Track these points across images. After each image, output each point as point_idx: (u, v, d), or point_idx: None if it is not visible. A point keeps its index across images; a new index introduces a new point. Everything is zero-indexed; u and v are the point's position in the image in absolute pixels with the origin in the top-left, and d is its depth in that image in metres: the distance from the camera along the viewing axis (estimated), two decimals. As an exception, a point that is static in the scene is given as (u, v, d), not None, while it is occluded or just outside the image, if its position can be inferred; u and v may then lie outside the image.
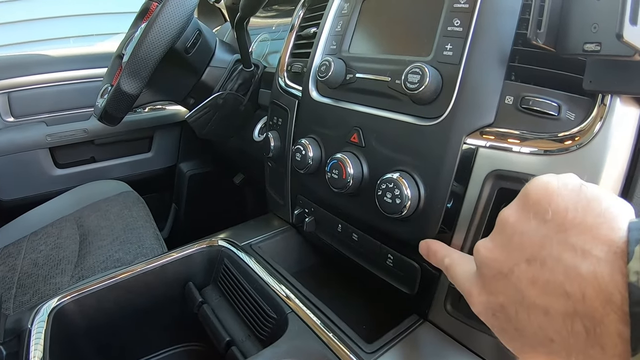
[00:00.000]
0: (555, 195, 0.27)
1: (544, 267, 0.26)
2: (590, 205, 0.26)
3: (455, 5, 0.49)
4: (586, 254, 0.24)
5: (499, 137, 0.44)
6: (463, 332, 0.50)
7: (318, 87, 0.66)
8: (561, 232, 0.26)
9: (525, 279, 0.27)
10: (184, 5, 0.78)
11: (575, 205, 0.26)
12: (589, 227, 0.25)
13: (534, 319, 0.26)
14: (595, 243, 0.24)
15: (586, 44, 0.36)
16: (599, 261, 0.23)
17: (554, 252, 0.25)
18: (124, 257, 0.94)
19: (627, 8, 0.31)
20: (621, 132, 0.38)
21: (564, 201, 0.27)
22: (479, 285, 0.32)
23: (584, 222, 0.25)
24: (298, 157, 0.62)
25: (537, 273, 0.26)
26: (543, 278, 0.26)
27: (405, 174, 0.49)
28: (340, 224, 0.63)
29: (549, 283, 0.25)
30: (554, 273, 0.25)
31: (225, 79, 0.98)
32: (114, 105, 0.84)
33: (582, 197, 0.26)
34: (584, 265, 0.24)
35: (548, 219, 0.27)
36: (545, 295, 0.25)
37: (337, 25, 0.65)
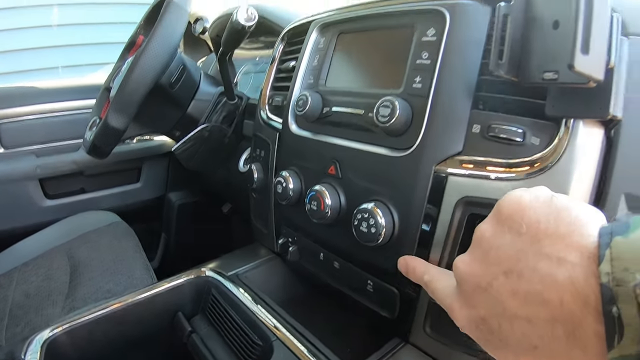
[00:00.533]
0: (527, 209, 0.29)
1: (521, 279, 0.27)
2: (561, 215, 0.27)
3: (423, 39, 0.52)
4: (561, 262, 0.25)
5: (467, 165, 0.46)
6: (443, 353, 0.51)
7: (297, 121, 0.68)
8: (535, 243, 0.27)
9: (504, 291, 0.28)
10: (168, 42, 0.81)
11: (547, 217, 0.28)
12: (561, 235, 0.26)
13: (517, 329, 0.27)
14: (569, 250, 0.25)
15: (545, 72, 0.39)
16: (574, 267, 0.25)
17: (530, 263, 0.27)
18: (115, 288, 0.95)
19: (578, 38, 0.34)
20: (586, 153, 0.40)
21: (535, 213, 0.28)
22: (460, 300, 0.33)
23: (556, 231, 0.27)
24: (279, 189, 0.64)
25: (516, 285, 0.27)
26: (522, 289, 0.27)
27: (380, 203, 0.52)
28: (322, 252, 0.65)
29: (529, 293, 0.26)
30: (531, 283, 0.26)
31: (210, 111, 1.00)
32: (102, 139, 0.86)
33: (553, 208, 0.28)
34: (560, 273, 0.25)
35: (522, 232, 0.28)
36: (525, 305, 0.26)
37: (314, 59, 0.68)
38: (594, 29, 0.34)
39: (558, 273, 0.25)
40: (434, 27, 0.52)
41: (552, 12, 0.38)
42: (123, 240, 1.16)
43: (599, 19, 0.35)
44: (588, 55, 0.34)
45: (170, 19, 0.81)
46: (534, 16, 0.41)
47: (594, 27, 0.34)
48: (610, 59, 0.37)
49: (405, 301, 0.54)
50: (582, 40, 0.34)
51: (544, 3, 0.40)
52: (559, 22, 0.37)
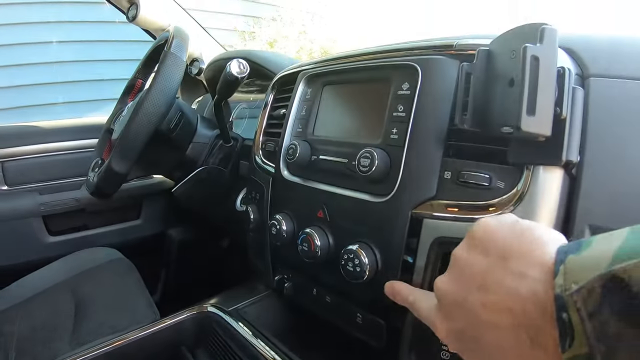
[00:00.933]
0: (494, 232, 0.33)
1: (489, 292, 0.30)
2: (524, 234, 0.31)
3: (399, 93, 0.58)
4: (523, 276, 0.29)
5: (440, 208, 0.51)
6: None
7: (288, 167, 0.73)
8: (502, 261, 0.31)
9: (477, 304, 0.31)
10: (167, 91, 0.86)
11: (512, 238, 0.32)
12: (524, 253, 0.30)
13: (489, 336, 0.30)
14: (531, 266, 0.29)
15: (503, 127, 0.42)
16: (535, 281, 0.28)
17: (498, 278, 0.30)
18: (119, 324, 0.98)
19: (524, 102, 0.38)
20: (547, 192, 0.44)
21: (502, 235, 0.32)
22: (440, 316, 0.36)
23: (519, 250, 0.30)
24: (274, 231, 0.69)
25: (486, 297, 0.30)
26: (491, 300, 0.30)
27: (364, 244, 0.57)
28: (315, 288, 0.69)
29: (496, 303, 0.30)
30: (499, 295, 0.30)
31: (207, 154, 1.05)
32: (106, 182, 0.91)
33: (517, 229, 0.32)
34: (523, 286, 0.28)
35: (491, 252, 0.32)
36: (494, 314, 0.30)
37: (302, 109, 0.74)
38: (540, 91, 0.38)
39: (521, 286, 0.28)
40: (407, 82, 0.57)
41: (508, 71, 0.42)
42: (125, 276, 1.19)
43: (545, 82, 0.39)
44: (534, 116, 0.38)
45: (168, 69, 0.87)
46: (494, 74, 0.45)
47: (540, 89, 0.38)
48: (562, 112, 0.41)
49: (391, 332, 0.58)
50: (528, 103, 0.38)
51: (502, 63, 0.44)
52: (514, 81, 0.41)
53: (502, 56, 0.45)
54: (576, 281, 0.25)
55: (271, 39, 4.40)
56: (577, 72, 0.46)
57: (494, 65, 0.46)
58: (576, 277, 0.25)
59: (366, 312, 0.61)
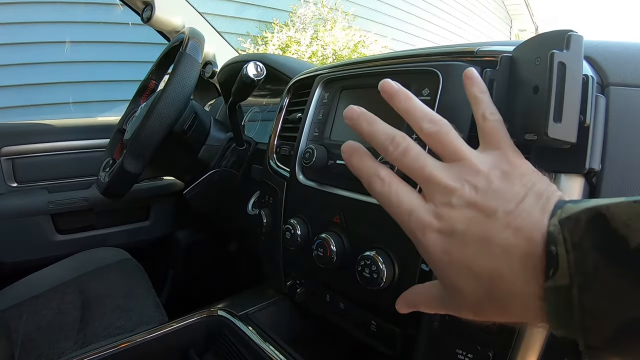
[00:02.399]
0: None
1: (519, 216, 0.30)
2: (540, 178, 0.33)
3: (419, 98, 0.57)
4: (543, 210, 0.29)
5: None
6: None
7: (304, 171, 0.73)
8: (537, 196, 0.30)
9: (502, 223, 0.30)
10: (182, 92, 0.86)
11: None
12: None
13: (491, 252, 0.29)
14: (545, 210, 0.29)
15: (526, 133, 0.41)
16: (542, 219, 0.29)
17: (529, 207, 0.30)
18: (126, 325, 0.97)
19: (551, 108, 0.37)
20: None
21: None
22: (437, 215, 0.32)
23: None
24: (288, 236, 0.69)
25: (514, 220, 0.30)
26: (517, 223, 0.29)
27: (381, 251, 0.56)
28: (329, 294, 0.69)
29: (520, 228, 0.29)
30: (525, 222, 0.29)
31: (219, 156, 1.05)
32: (118, 183, 0.91)
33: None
34: (541, 219, 0.28)
35: (525, 184, 0.32)
36: (512, 235, 0.29)
37: (319, 113, 0.73)
38: (566, 98, 0.38)
39: (540, 220, 0.28)
40: (428, 87, 0.57)
41: (532, 78, 0.42)
42: (133, 277, 1.19)
43: (571, 89, 0.38)
44: (561, 123, 0.38)
45: (184, 70, 0.87)
46: (517, 81, 0.44)
47: (566, 96, 0.38)
48: (586, 119, 0.40)
49: (406, 340, 0.58)
50: (555, 110, 0.38)
51: (526, 70, 0.44)
52: (538, 88, 0.40)
53: (526, 63, 0.44)
54: (567, 214, 0.27)
55: (283, 44, 4.43)
56: (598, 81, 0.46)
57: (518, 72, 0.45)
58: (567, 213, 0.27)
59: (381, 319, 0.61)
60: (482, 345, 0.49)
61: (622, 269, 0.24)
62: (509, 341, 0.46)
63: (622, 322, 0.24)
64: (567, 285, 0.25)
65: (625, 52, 0.49)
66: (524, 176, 0.32)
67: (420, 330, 0.55)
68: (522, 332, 0.45)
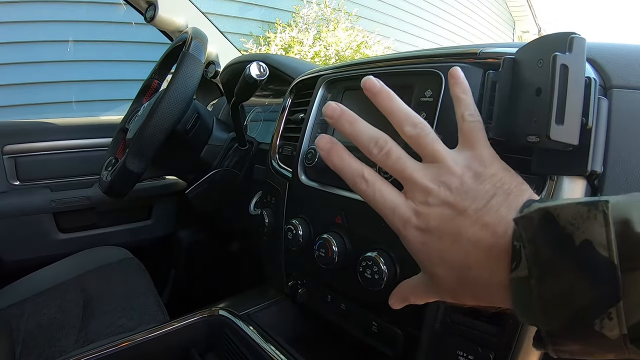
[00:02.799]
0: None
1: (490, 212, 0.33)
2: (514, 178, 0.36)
3: (421, 99, 0.57)
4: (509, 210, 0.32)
5: None
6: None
7: (306, 172, 0.73)
8: (506, 194, 0.34)
9: (472, 219, 0.33)
10: (185, 92, 0.86)
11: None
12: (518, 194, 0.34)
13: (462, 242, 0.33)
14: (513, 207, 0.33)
15: (529, 135, 0.41)
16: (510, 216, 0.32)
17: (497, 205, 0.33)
18: (127, 324, 0.97)
19: (553, 111, 0.37)
20: None
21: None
22: (415, 211, 0.35)
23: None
24: (289, 236, 0.69)
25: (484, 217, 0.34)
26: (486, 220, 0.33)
27: (383, 252, 0.56)
28: (330, 294, 0.69)
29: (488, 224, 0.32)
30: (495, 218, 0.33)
31: (222, 156, 1.05)
32: (120, 182, 0.91)
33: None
34: (509, 215, 0.32)
35: (496, 184, 0.35)
36: (481, 230, 0.32)
37: (322, 114, 0.73)
38: (569, 100, 0.38)
39: (506, 216, 0.32)
40: (430, 89, 0.57)
41: (535, 80, 0.42)
42: (135, 276, 1.19)
43: (574, 91, 0.38)
44: (563, 125, 0.38)
45: (187, 70, 0.87)
46: (520, 83, 0.45)
47: (568, 99, 0.38)
48: (588, 122, 0.40)
49: (408, 341, 0.58)
50: (557, 112, 0.38)
51: (528, 72, 0.44)
52: (541, 90, 0.41)
53: (529, 65, 0.44)
54: (522, 214, 0.29)
55: (286, 45, 4.43)
56: (600, 83, 0.46)
57: (520, 74, 0.45)
58: (523, 212, 0.29)
59: (382, 320, 0.61)
60: (483, 346, 0.49)
61: (570, 265, 0.26)
62: (510, 343, 0.46)
63: (573, 311, 0.26)
64: (527, 276, 0.28)
65: (628, 55, 0.49)
66: (494, 176, 0.35)
67: (422, 331, 0.55)
68: (523, 334, 0.45)
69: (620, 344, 0.25)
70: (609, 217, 0.25)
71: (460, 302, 0.35)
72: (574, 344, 0.27)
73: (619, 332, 0.25)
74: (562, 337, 0.27)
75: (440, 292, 0.37)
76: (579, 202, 0.27)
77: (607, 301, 0.25)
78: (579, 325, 0.26)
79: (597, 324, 0.25)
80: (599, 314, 0.25)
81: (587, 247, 0.26)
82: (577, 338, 0.27)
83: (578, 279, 0.26)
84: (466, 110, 0.41)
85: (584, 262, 0.26)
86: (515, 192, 0.34)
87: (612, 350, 0.26)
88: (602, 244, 0.25)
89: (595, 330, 0.26)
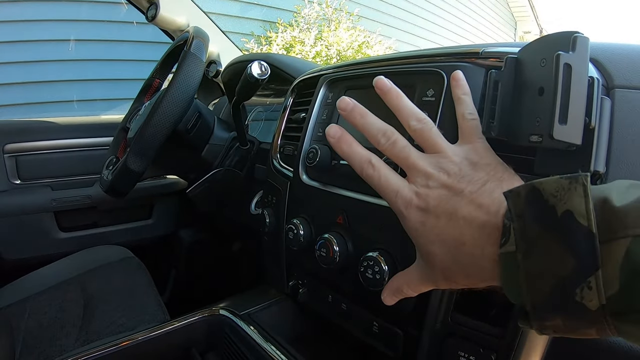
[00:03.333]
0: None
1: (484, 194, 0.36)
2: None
3: (423, 99, 0.57)
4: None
5: None
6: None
7: (307, 171, 0.73)
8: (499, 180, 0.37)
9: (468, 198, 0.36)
10: (186, 91, 0.86)
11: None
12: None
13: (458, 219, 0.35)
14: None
15: (531, 135, 0.41)
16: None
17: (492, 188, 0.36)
18: (128, 323, 0.98)
19: (556, 110, 0.37)
20: None
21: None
22: (415, 192, 0.38)
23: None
24: (290, 236, 0.68)
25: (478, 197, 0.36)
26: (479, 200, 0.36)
27: (384, 252, 0.56)
28: (331, 294, 0.69)
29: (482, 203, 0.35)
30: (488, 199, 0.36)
31: (223, 155, 1.05)
32: (121, 181, 0.91)
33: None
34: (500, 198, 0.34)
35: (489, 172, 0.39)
36: (476, 209, 0.35)
37: (323, 113, 0.73)
38: (572, 100, 0.38)
39: (498, 198, 0.34)
40: (432, 88, 0.57)
41: (537, 80, 0.42)
42: (135, 275, 1.19)
43: (577, 90, 0.38)
44: (566, 125, 0.38)
45: (188, 69, 0.87)
46: (522, 82, 0.45)
47: (571, 98, 0.38)
48: (591, 121, 0.40)
49: (408, 341, 0.57)
50: (560, 111, 0.38)
51: (531, 71, 0.44)
52: (543, 89, 0.41)
53: (531, 64, 0.44)
54: (510, 189, 0.32)
55: (287, 44, 4.43)
56: (603, 83, 0.45)
57: (523, 74, 0.45)
58: (515, 188, 0.31)
59: (383, 320, 0.61)
60: (484, 347, 0.49)
61: (553, 235, 0.28)
62: (511, 344, 0.46)
63: (555, 281, 0.28)
64: (514, 251, 0.30)
65: (631, 55, 0.48)
66: (489, 165, 0.39)
67: (423, 332, 0.55)
68: (524, 335, 0.45)
69: (600, 316, 0.27)
70: (588, 189, 0.28)
71: (454, 283, 0.37)
72: (557, 317, 0.29)
73: (598, 302, 0.26)
74: (545, 311, 0.29)
75: (434, 276, 0.38)
76: (562, 177, 0.29)
77: (587, 270, 0.27)
78: (561, 296, 0.28)
79: (577, 293, 0.27)
80: (579, 283, 0.27)
81: (568, 217, 0.28)
82: (559, 311, 0.28)
83: (560, 250, 0.28)
84: (466, 110, 0.46)
85: (566, 232, 0.28)
86: (507, 180, 0.37)
87: (594, 324, 0.27)
88: (582, 213, 0.27)
89: (575, 301, 0.27)
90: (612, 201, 0.27)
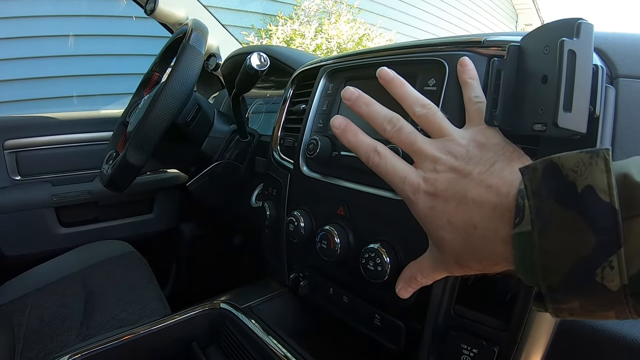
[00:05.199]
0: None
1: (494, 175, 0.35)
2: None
3: (425, 88, 0.56)
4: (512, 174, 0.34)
5: None
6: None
7: (308, 163, 0.72)
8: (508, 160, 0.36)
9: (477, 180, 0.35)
10: (185, 84, 0.86)
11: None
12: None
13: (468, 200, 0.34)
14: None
15: (535, 124, 0.41)
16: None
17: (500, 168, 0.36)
18: (129, 317, 0.98)
19: (560, 97, 0.37)
20: None
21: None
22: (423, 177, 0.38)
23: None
24: (291, 228, 0.68)
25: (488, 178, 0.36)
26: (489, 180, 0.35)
27: (386, 243, 0.55)
28: (332, 287, 0.68)
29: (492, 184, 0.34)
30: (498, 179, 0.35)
31: (223, 148, 1.05)
32: (121, 175, 0.91)
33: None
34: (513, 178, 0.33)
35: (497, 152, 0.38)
36: (485, 190, 0.34)
37: (323, 104, 0.72)
38: (577, 87, 0.37)
39: (508, 178, 0.33)
40: (434, 78, 0.56)
41: (541, 68, 0.41)
42: (136, 270, 1.19)
43: (581, 78, 0.37)
44: (571, 112, 0.37)
45: (187, 61, 0.86)
46: (525, 71, 0.44)
47: (576, 85, 0.37)
48: (595, 110, 0.40)
49: (410, 334, 0.57)
50: (565, 99, 0.37)
51: (534, 60, 0.43)
52: (547, 77, 0.40)
53: (534, 52, 0.43)
54: (526, 165, 0.30)
55: (287, 37, 4.42)
56: (607, 72, 0.45)
57: (526, 62, 0.44)
58: (531, 164, 0.30)
59: (385, 313, 0.60)
60: (487, 340, 0.48)
61: (572, 213, 0.27)
62: (515, 337, 0.46)
63: (574, 262, 0.26)
64: (529, 230, 0.28)
65: (634, 44, 0.48)
66: (497, 145, 0.38)
67: (425, 325, 0.55)
68: (527, 328, 0.45)
69: (621, 297, 0.26)
70: (610, 164, 0.26)
71: (467, 269, 0.36)
72: (574, 299, 0.28)
73: (620, 283, 0.25)
74: (562, 293, 0.28)
75: (447, 262, 0.37)
76: (582, 151, 0.28)
77: (609, 248, 0.25)
78: (580, 277, 0.26)
79: (598, 274, 0.26)
80: (600, 263, 0.26)
81: (589, 193, 0.26)
82: (577, 292, 0.27)
83: (580, 227, 0.26)
84: (472, 93, 0.46)
85: (586, 209, 0.26)
86: (517, 159, 0.36)
87: (613, 305, 0.26)
88: (604, 189, 0.26)
89: (596, 282, 0.26)
90: (633, 176, 0.26)
